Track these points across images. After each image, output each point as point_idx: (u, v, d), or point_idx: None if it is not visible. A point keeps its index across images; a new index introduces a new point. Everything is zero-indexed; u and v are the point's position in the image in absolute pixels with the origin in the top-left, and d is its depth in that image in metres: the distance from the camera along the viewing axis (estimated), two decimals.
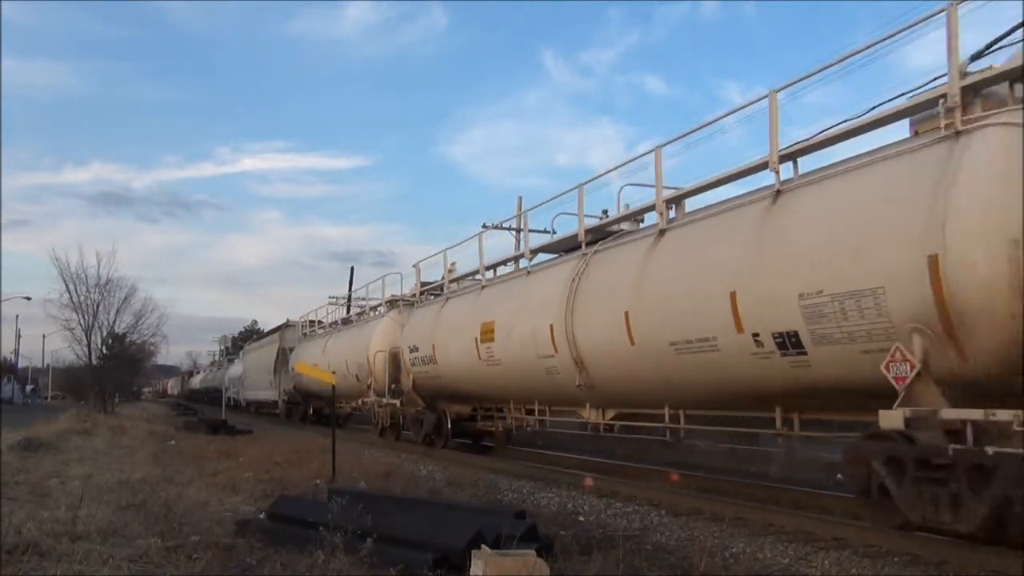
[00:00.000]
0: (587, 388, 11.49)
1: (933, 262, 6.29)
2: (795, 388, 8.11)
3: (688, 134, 10.19)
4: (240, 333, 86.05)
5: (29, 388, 68.12)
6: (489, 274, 16.17)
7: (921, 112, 7.17)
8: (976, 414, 6.08)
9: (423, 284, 19.91)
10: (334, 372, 17.57)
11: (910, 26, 7.16)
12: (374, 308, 23.84)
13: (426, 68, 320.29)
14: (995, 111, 6.42)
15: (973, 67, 6.81)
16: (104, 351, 36.26)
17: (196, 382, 78.09)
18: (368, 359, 20.14)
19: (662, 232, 10.19)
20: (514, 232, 20.12)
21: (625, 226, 12.12)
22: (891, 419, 6.66)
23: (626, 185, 12.47)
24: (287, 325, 35.77)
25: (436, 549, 5.74)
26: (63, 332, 36.08)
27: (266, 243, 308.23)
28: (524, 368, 12.98)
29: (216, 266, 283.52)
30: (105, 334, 35.92)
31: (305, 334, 31.86)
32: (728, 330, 8.44)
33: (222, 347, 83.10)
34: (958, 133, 6.49)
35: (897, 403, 6.66)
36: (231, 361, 54.63)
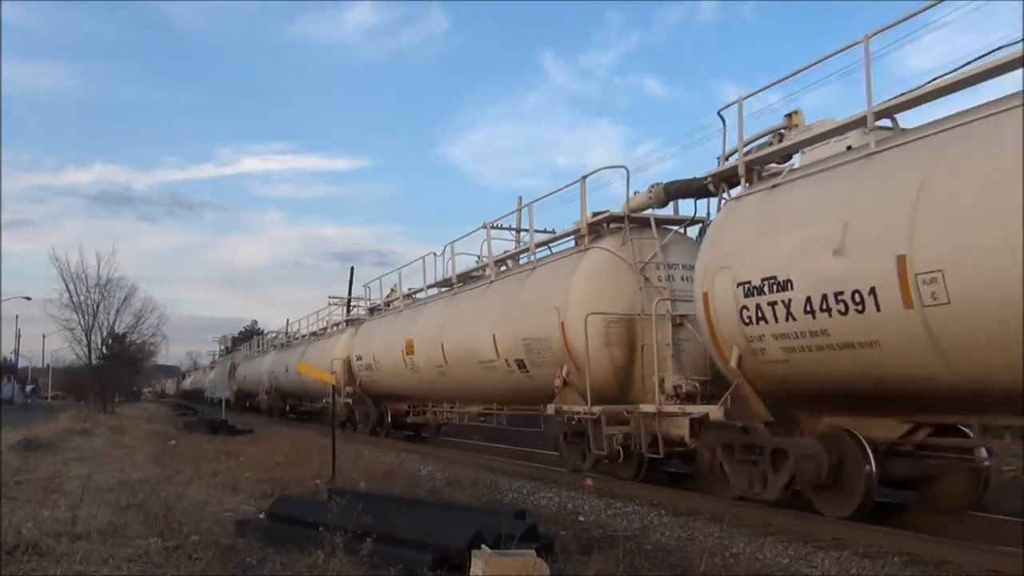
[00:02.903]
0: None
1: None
2: None
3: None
4: (240, 333, 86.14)
5: (29, 388, 67.94)
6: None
7: None
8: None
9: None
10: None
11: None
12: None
13: (427, 70, 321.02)
14: (598, 242, 12.08)
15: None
16: (104, 351, 36.21)
17: (188, 383, 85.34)
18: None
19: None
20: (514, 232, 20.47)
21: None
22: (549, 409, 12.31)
23: None
24: (236, 349, 56.65)
25: (436, 549, 5.73)
26: (63, 332, 36.00)
27: (266, 243, 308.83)
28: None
29: (216, 266, 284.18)
30: (105, 334, 35.88)
31: (247, 355, 48.74)
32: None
33: (222, 347, 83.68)
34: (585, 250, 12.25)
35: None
36: (214, 367, 68.00)
